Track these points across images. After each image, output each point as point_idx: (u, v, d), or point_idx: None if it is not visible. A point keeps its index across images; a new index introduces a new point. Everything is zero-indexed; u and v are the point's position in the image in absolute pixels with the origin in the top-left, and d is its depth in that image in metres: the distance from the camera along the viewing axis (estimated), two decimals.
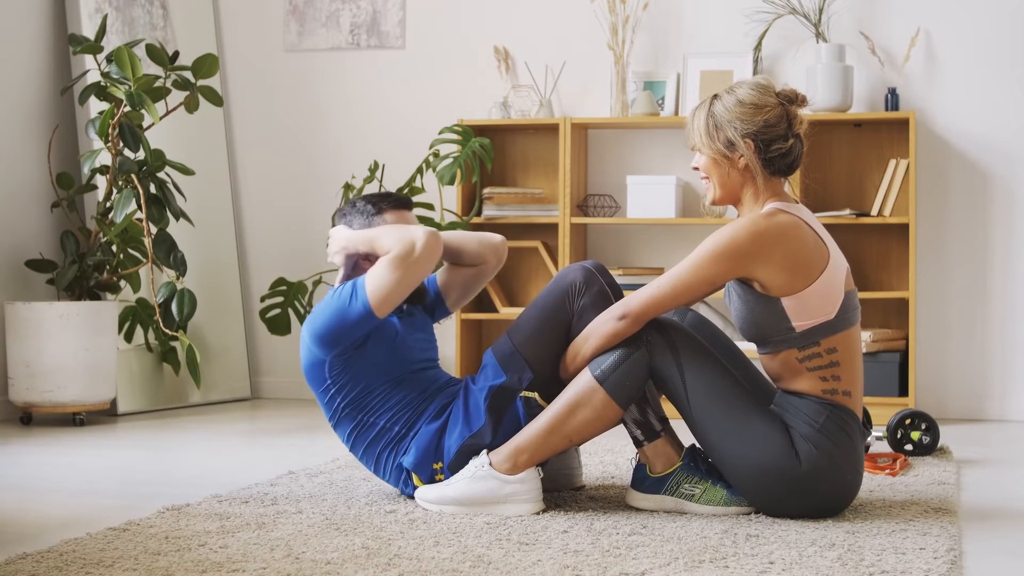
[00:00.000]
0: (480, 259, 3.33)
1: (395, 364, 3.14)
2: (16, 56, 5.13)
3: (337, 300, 3.09)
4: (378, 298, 3.04)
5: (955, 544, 2.67)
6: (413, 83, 5.77)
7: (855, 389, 2.94)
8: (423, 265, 3.05)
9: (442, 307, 3.38)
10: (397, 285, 3.04)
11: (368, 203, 3.21)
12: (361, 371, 3.12)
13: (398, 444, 3.11)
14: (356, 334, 3.08)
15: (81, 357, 4.80)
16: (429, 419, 3.11)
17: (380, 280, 3.04)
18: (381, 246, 3.09)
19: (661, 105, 5.42)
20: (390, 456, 3.13)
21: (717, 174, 3.01)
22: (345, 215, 3.24)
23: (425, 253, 3.04)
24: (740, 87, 3.00)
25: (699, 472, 3.00)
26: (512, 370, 3.04)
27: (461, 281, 3.36)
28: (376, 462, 3.15)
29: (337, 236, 3.20)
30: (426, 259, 3.05)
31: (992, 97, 5.25)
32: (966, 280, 5.28)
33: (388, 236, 3.09)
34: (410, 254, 3.03)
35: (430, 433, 3.08)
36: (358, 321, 3.06)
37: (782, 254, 2.89)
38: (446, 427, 3.07)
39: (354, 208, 3.23)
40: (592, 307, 3.04)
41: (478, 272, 3.35)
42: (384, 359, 3.13)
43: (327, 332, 3.08)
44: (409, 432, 3.11)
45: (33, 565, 2.43)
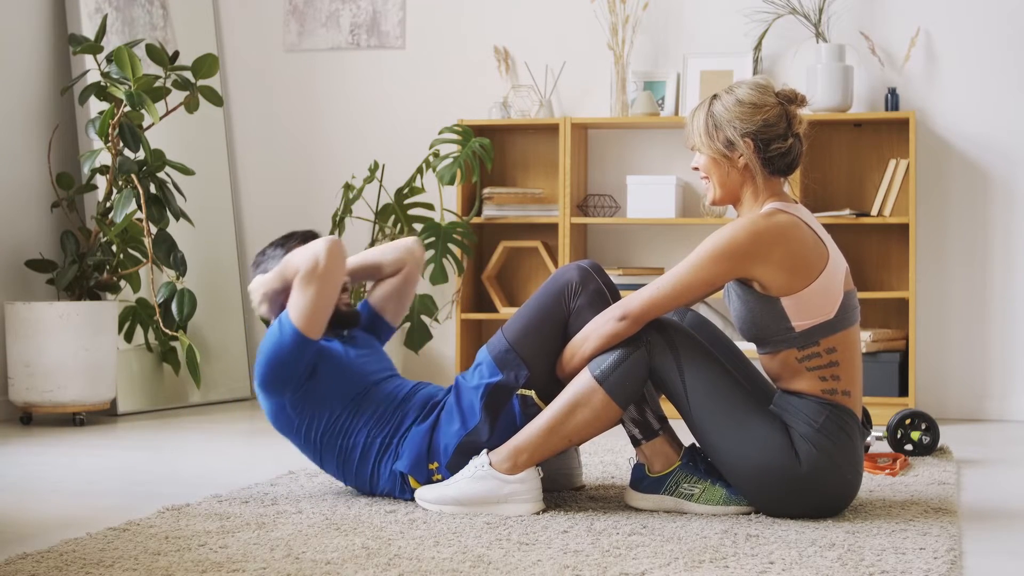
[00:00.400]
0: (400, 264, 3.41)
1: (352, 383, 3.16)
2: (16, 56, 5.13)
3: (269, 340, 3.13)
4: (303, 319, 3.08)
5: (955, 544, 2.67)
6: (413, 83, 5.77)
7: (854, 389, 2.95)
8: (333, 273, 3.09)
9: (384, 325, 3.44)
10: (316, 299, 3.08)
11: (276, 247, 3.31)
12: (320, 400, 3.14)
13: (386, 453, 3.12)
14: (298, 365, 3.11)
15: (81, 357, 4.80)
16: (416, 421, 3.11)
17: (299, 301, 3.09)
18: (289, 272, 3.14)
19: (661, 105, 5.42)
20: (382, 467, 3.13)
21: (717, 174, 3.02)
22: (259, 265, 3.32)
23: (330, 259, 3.09)
24: (739, 87, 3.00)
25: (698, 472, 3.00)
26: (508, 368, 3.04)
27: (391, 293, 3.43)
28: (370, 479, 3.15)
29: (255, 286, 3.25)
30: (333, 265, 3.09)
31: (992, 97, 5.25)
32: (966, 280, 5.28)
33: (292, 261, 3.14)
34: (316, 266, 3.08)
35: (420, 434, 3.08)
36: (294, 350, 3.09)
37: (781, 254, 2.89)
38: (436, 426, 3.07)
39: (264, 256, 3.31)
40: (589, 307, 3.04)
41: (403, 278, 3.42)
42: (340, 382, 3.15)
43: (270, 373, 3.12)
44: (393, 440, 3.11)
45: (33, 565, 2.43)
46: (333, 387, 3.14)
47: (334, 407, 3.14)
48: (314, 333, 3.10)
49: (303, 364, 3.11)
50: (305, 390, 3.14)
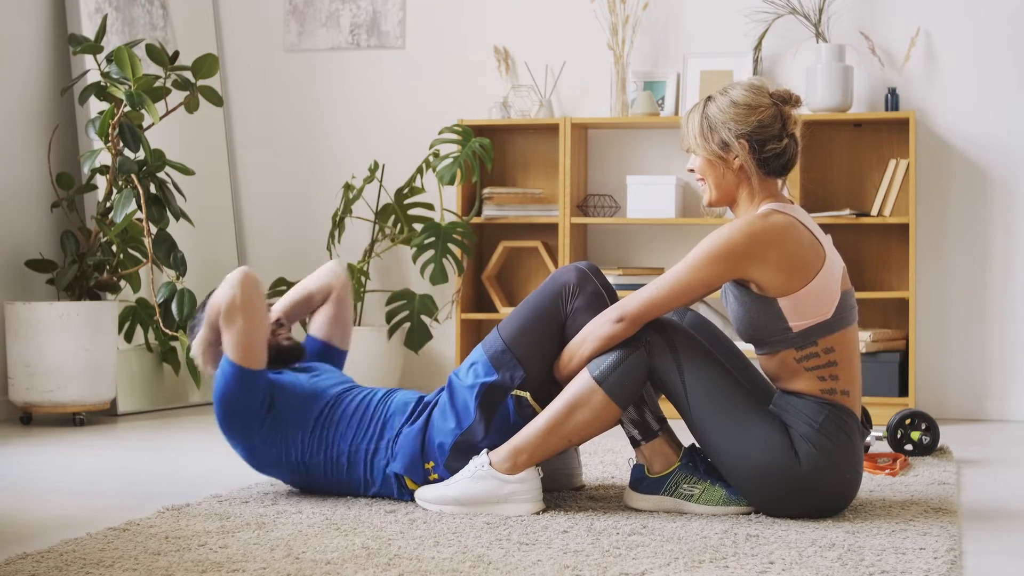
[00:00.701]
0: (327, 289, 3.44)
1: (313, 402, 3.17)
2: (16, 56, 5.13)
3: (216, 386, 3.14)
4: (239, 353, 3.10)
5: (955, 544, 2.67)
6: (413, 83, 5.77)
7: (853, 388, 2.95)
8: (253, 299, 3.10)
9: (334, 352, 3.46)
10: (245, 330, 3.09)
11: (201, 310, 3.30)
12: (289, 424, 3.15)
13: (374, 457, 3.11)
14: (253, 400, 3.12)
15: (81, 357, 4.80)
16: (407, 422, 3.10)
17: (230, 340, 3.10)
18: (212, 317, 3.16)
19: (661, 105, 5.42)
20: (373, 470, 3.12)
21: (712, 175, 3.02)
22: (192, 330, 3.31)
23: (245, 289, 3.10)
24: (734, 88, 3.00)
25: (698, 472, 3.00)
26: (504, 368, 3.04)
27: (329, 320, 3.46)
28: (364, 483, 3.15)
29: (193, 346, 3.26)
30: (250, 293, 3.10)
31: (992, 97, 5.25)
32: (966, 280, 5.28)
33: (213, 303, 3.16)
34: (234, 299, 3.09)
35: (413, 434, 3.08)
36: (241, 385, 3.10)
37: (778, 255, 2.89)
38: (429, 425, 3.07)
39: (195, 320, 3.31)
40: (586, 308, 3.04)
41: (335, 302, 3.45)
42: (300, 403, 3.16)
43: (229, 416, 3.13)
44: (379, 444, 3.11)
45: (33, 565, 2.43)
46: (296, 410, 3.15)
47: (304, 428, 3.14)
48: (255, 363, 3.11)
49: (256, 397, 3.12)
50: (269, 423, 3.14)
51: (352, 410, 3.15)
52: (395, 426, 3.11)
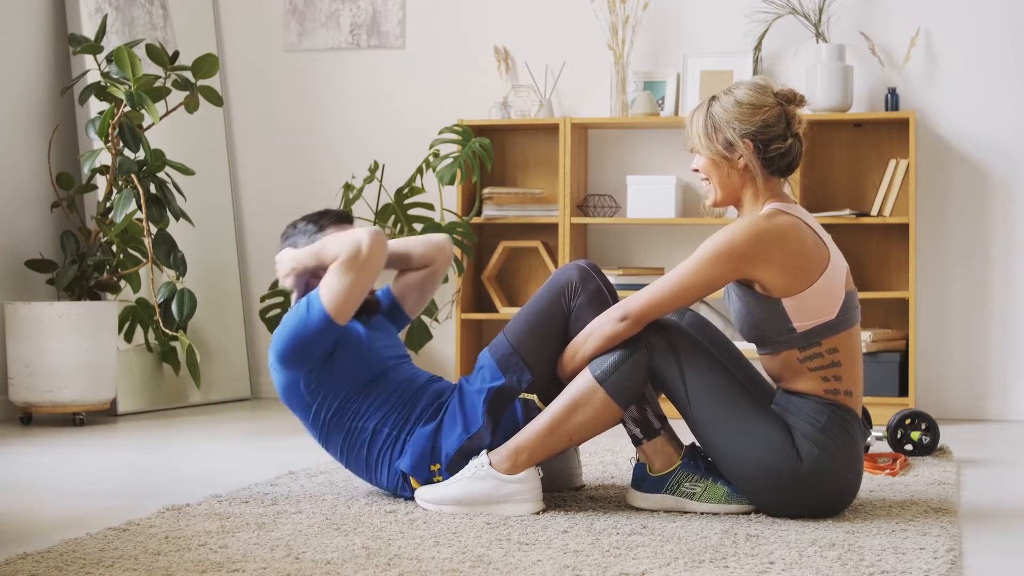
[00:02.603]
0: (428, 260, 3.40)
1: (368, 366, 3.16)
2: (16, 56, 5.13)
3: (295, 317, 3.12)
4: (335, 305, 3.07)
5: (955, 544, 2.67)
6: (413, 83, 5.77)
7: (856, 389, 2.95)
8: (372, 264, 3.08)
9: (400, 314, 3.43)
10: (351, 288, 3.07)
11: (309, 222, 3.29)
12: (336, 380, 3.13)
13: (392, 447, 3.11)
14: (321, 346, 3.10)
15: (81, 357, 4.80)
16: (422, 421, 3.10)
17: (333, 287, 3.08)
18: (328, 255, 3.13)
19: (661, 105, 5.42)
20: (384, 459, 3.12)
21: (717, 175, 3.02)
22: (288, 237, 3.30)
23: (372, 252, 3.08)
24: (738, 88, 3.00)
25: (699, 471, 3.00)
26: (511, 372, 3.04)
27: (414, 285, 3.42)
28: (371, 468, 3.15)
29: (284, 258, 3.25)
30: (374, 258, 3.08)
31: (992, 97, 5.25)
32: (966, 280, 5.28)
33: (333, 244, 3.13)
34: (358, 255, 3.07)
35: (425, 435, 3.08)
36: (319, 333, 3.09)
37: (782, 255, 2.89)
38: (440, 428, 3.07)
39: (296, 229, 3.29)
40: (588, 306, 3.04)
41: (429, 274, 3.41)
42: (356, 363, 3.15)
43: (291, 350, 3.11)
44: (400, 433, 3.11)
45: (33, 565, 2.43)
46: (349, 369, 3.13)
47: (348, 389, 3.13)
48: (343, 319, 3.09)
49: (325, 345, 3.10)
50: (320, 371, 3.12)
51: (391, 389, 3.15)
52: (415, 419, 3.10)
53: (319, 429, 3.18)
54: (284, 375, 3.16)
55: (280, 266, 3.25)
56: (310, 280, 3.23)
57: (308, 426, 3.20)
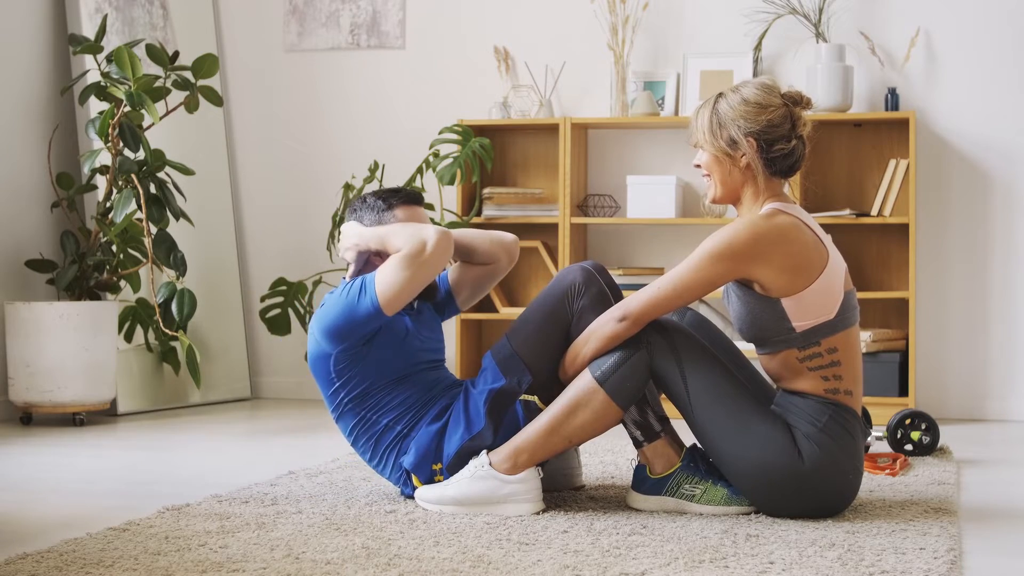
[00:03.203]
0: (492, 258, 3.32)
1: (401, 362, 3.14)
2: (16, 56, 5.13)
3: (347, 296, 3.08)
4: (387, 296, 3.04)
5: (955, 544, 2.67)
6: (413, 83, 5.77)
7: (856, 388, 2.95)
8: (433, 265, 3.04)
9: (452, 305, 3.38)
10: (407, 284, 3.03)
11: (379, 199, 3.21)
12: (367, 368, 3.11)
13: (400, 443, 3.11)
14: (364, 331, 3.08)
15: (81, 357, 4.80)
16: (430, 420, 3.11)
17: (390, 279, 3.04)
18: (392, 244, 3.08)
19: (661, 105, 5.42)
20: (392, 454, 3.13)
21: (719, 172, 3.02)
22: (356, 211, 3.23)
23: (436, 253, 3.03)
24: (745, 86, 3.00)
25: (699, 472, 3.00)
26: (512, 373, 3.04)
27: (472, 279, 3.36)
28: (378, 459, 3.15)
29: (349, 232, 3.19)
30: (437, 259, 3.04)
31: (992, 97, 5.25)
32: (966, 280, 5.28)
33: (399, 235, 3.07)
34: (420, 253, 3.02)
35: (430, 434, 3.08)
36: (366, 319, 3.06)
37: (781, 255, 2.89)
38: (445, 429, 3.07)
39: (364, 204, 3.22)
40: (591, 308, 3.04)
41: (490, 271, 3.34)
42: (391, 357, 3.13)
43: (336, 327, 3.08)
44: (411, 433, 3.11)
45: (33, 565, 2.43)
46: (383, 362, 3.11)
47: (375, 380, 3.12)
48: (392, 311, 3.05)
49: (368, 331, 3.08)
50: (355, 354, 3.10)
51: (415, 388, 3.13)
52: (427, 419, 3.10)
53: (335, 407, 3.16)
54: (320, 347, 3.13)
55: (344, 239, 3.20)
56: (371, 257, 3.18)
57: (326, 399, 3.18)
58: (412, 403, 3.12)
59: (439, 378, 3.20)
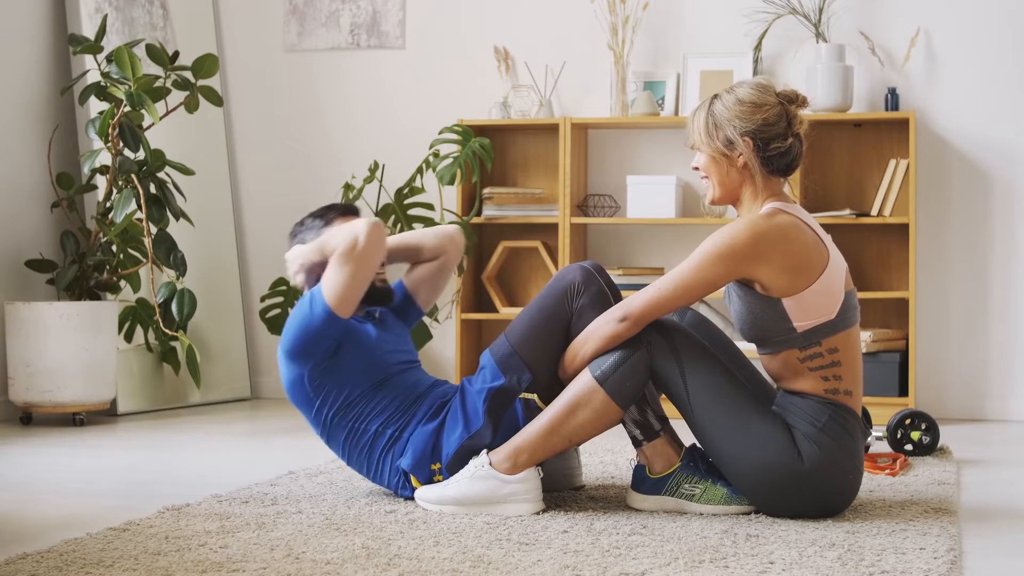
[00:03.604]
0: (440, 251, 3.40)
1: (374, 368, 3.16)
2: (16, 56, 5.13)
3: (299, 311, 3.13)
4: (335, 297, 3.08)
5: (955, 544, 2.67)
6: (413, 83, 5.77)
7: (856, 389, 2.95)
8: (371, 255, 3.09)
9: (414, 308, 3.43)
10: (350, 279, 3.08)
11: (315, 217, 3.30)
12: (341, 379, 3.13)
13: (393, 447, 3.11)
14: (326, 341, 3.11)
15: (81, 357, 4.80)
16: (424, 420, 3.11)
17: (333, 279, 3.09)
18: (329, 248, 3.14)
19: (661, 105, 5.42)
20: (386, 459, 3.13)
21: (716, 173, 3.02)
22: (296, 234, 3.31)
23: (369, 242, 3.08)
24: (740, 87, 3.01)
25: (699, 472, 3.00)
26: (511, 372, 3.04)
27: (427, 277, 3.42)
28: (373, 468, 3.15)
29: (291, 256, 3.25)
30: (372, 248, 3.09)
31: (992, 97, 5.25)
32: (966, 280, 5.28)
33: (333, 237, 3.14)
34: (355, 247, 3.08)
35: (426, 434, 3.08)
36: (323, 326, 3.09)
37: (782, 255, 2.89)
38: (443, 428, 3.08)
39: (303, 226, 3.30)
40: (591, 307, 3.04)
41: (440, 265, 3.42)
42: (362, 365, 3.15)
43: (297, 344, 3.12)
44: (403, 434, 3.11)
45: (33, 565, 2.43)
46: (355, 369, 3.13)
47: (352, 388, 3.13)
48: (345, 312, 3.09)
49: (329, 340, 3.11)
50: (325, 368, 3.12)
51: (395, 392, 3.15)
52: (417, 421, 3.10)
53: (322, 426, 3.18)
54: (290, 370, 3.15)
55: (289, 264, 3.25)
56: (320, 274, 3.21)
57: (311, 422, 3.20)
58: (397, 405, 3.13)
59: (419, 378, 3.22)
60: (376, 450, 3.13)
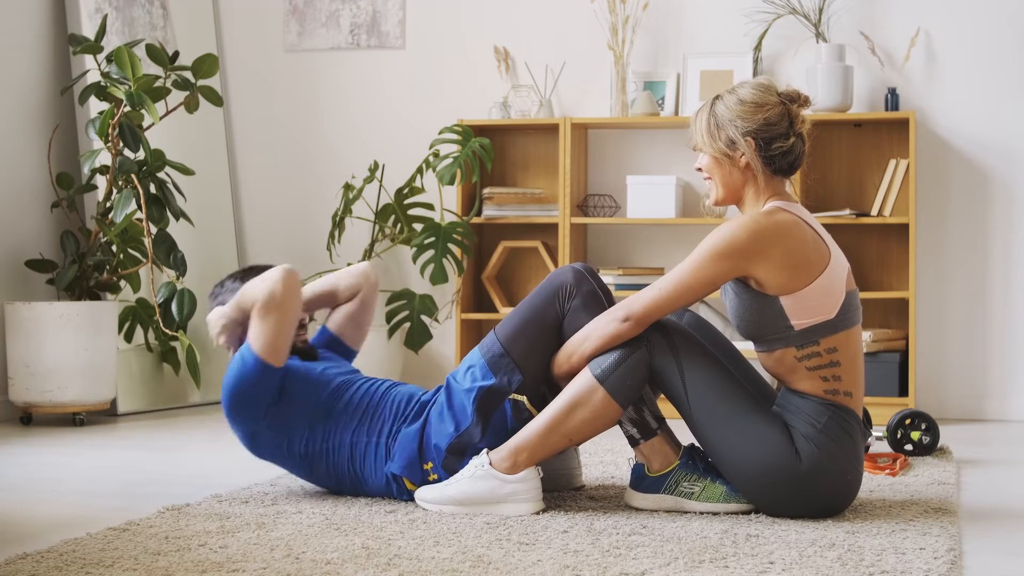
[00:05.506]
0: (355, 290, 3.44)
1: (321, 391, 3.16)
2: (16, 56, 5.13)
3: (232, 371, 3.14)
4: (264, 348, 3.10)
5: (955, 544, 2.67)
6: (413, 83, 5.77)
7: (856, 390, 2.94)
8: (289, 301, 3.11)
9: (344, 348, 3.46)
10: (275, 329, 3.10)
11: (235, 280, 3.33)
12: (295, 414, 3.14)
13: (375, 453, 3.11)
14: (265, 394, 3.12)
15: (81, 357, 4.80)
16: (406, 421, 3.10)
17: (259, 331, 3.10)
18: (247, 302, 3.16)
19: (661, 105, 5.42)
20: (370, 467, 3.12)
21: (719, 173, 3.02)
22: (216, 296, 3.34)
23: (286, 287, 3.11)
24: (742, 87, 3.01)
25: (697, 470, 3.00)
26: (501, 372, 3.04)
27: (349, 318, 3.46)
28: (360, 480, 3.15)
29: (213, 318, 3.25)
30: (289, 294, 3.11)
31: (992, 97, 5.25)
32: (966, 280, 5.28)
33: (249, 291, 3.16)
34: (273, 296, 3.10)
35: (411, 435, 3.07)
36: (259, 378, 3.10)
37: (781, 253, 2.89)
38: (427, 426, 3.07)
39: (223, 288, 3.33)
40: (583, 308, 3.04)
41: (359, 303, 3.45)
42: (308, 393, 3.16)
43: (239, 403, 3.13)
44: (380, 438, 3.10)
45: (33, 565, 2.43)
46: (304, 400, 3.15)
47: (310, 418, 3.14)
48: (278, 361, 3.12)
49: (269, 390, 3.13)
50: (274, 414, 3.14)
51: (356, 401, 3.15)
52: (391, 424, 3.11)
53: (299, 464, 3.18)
54: (244, 428, 3.17)
55: (211, 326, 3.25)
56: (241, 335, 3.24)
57: (287, 466, 3.21)
58: (360, 414, 3.14)
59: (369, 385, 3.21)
60: (356, 460, 3.13)
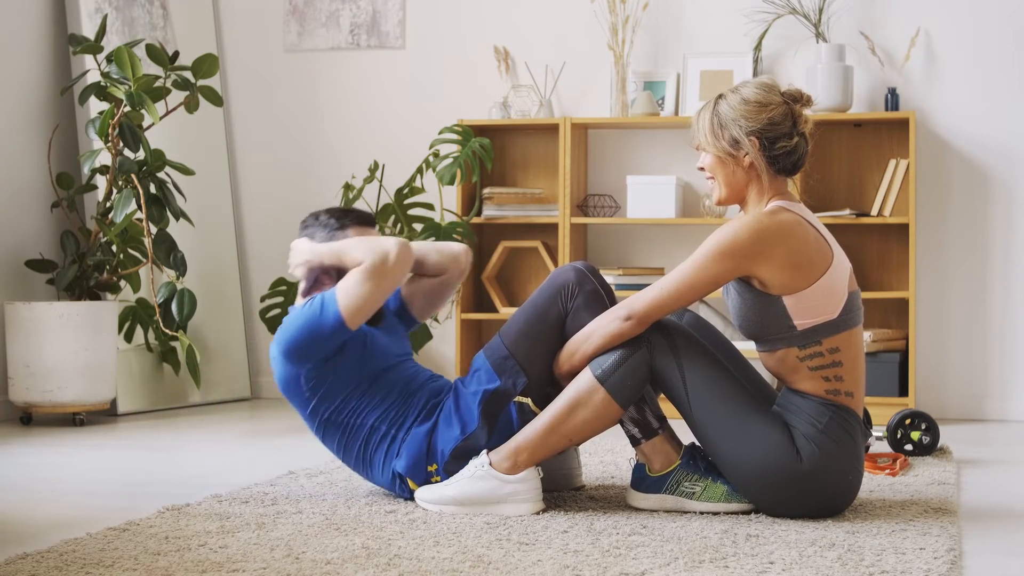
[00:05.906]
0: (441, 268, 3.33)
1: (371, 365, 3.13)
2: (16, 56, 5.13)
3: (307, 313, 3.07)
4: (351, 311, 3.03)
5: (955, 544, 2.67)
6: (413, 83, 5.77)
7: (857, 390, 2.94)
8: (396, 275, 3.05)
9: (408, 317, 3.38)
10: (370, 296, 3.03)
11: (332, 216, 3.21)
12: (339, 378, 3.11)
13: (389, 445, 3.11)
14: (329, 347, 3.07)
15: (81, 357, 4.80)
16: (418, 420, 3.10)
17: (353, 292, 3.03)
18: (351, 258, 3.08)
19: (661, 105, 5.42)
20: (380, 457, 3.12)
21: (722, 173, 3.02)
22: (307, 227, 3.23)
23: (398, 263, 3.04)
24: (745, 86, 3.01)
25: (698, 470, 3.00)
26: (506, 375, 3.03)
27: (424, 291, 3.36)
28: (369, 465, 3.15)
29: (300, 248, 3.19)
30: (399, 269, 3.04)
31: (992, 97, 5.25)
32: (966, 280, 5.28)
33: (357, 248, 3.08)
34: (383, 264, 3.03)
35: (420, 436, 3.07)
36: (331, 334, 3.05)
37: (784, 252, 2.89)
38: (436, 428, 3.07)
39: (316, 221, 3.22)
40: (585, 308, 3.04)
41: (441, 282, 3.36)
42: (359, 363, 3.12)
43: (298, 346, 3.07)
44: (399, 432, 3.10)
45: (33, 565, 2.43)
46: (352, 368, 3.11)
47: (349, 387, 3.11)
48: (355, 324, 3.05)
49: (333, 346, 3.07)
50: (324, 367, 3.10)
51: (391, 386, 3.12)
52: (411, 418, 3.09)
53: (316, 424, 3.16)
54: (286, 369, 3.12)
55: (294, 254, 3.19)
56: (320, 276, 3.18)
57: (306, 419, 3.18)
58: (393, 400, 3.12)
59: (415, 372, 3.20)
60: (370, 446, 3.12)
